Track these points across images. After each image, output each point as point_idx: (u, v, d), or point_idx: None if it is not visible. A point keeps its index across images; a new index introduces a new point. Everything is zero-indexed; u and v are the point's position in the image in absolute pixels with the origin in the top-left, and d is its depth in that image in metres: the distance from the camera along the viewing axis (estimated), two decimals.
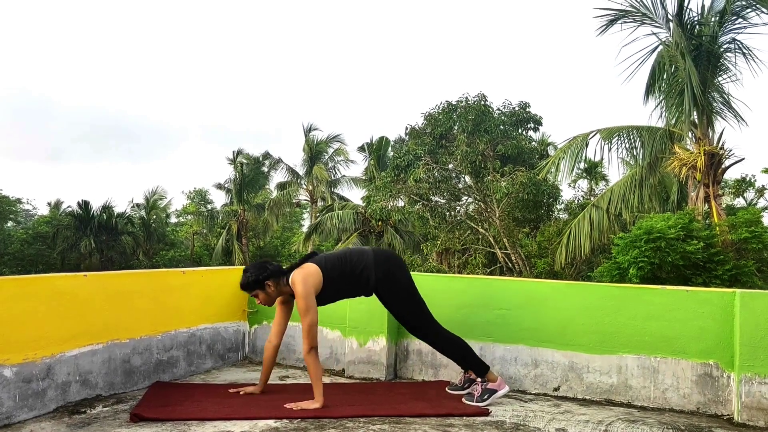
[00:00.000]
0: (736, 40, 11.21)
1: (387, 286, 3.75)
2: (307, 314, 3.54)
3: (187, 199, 43.97)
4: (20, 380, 3.26)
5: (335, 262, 3.73)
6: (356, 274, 3.72)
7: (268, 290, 3.69)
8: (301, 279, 3.60)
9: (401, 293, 3.78)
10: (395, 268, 3.79)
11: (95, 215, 31.50)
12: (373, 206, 18.97)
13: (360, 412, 3.45)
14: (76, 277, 3.73)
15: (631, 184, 13.11)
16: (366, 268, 3.71)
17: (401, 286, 3.78)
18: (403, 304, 3.80)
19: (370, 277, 3.71)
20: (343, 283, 3.73)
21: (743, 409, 3.49)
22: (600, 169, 22.50)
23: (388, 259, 3.83)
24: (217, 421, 3.27)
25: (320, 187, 30.93)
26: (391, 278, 3.75)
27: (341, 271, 3.70)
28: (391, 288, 3.77)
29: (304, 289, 3.57)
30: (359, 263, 3.73)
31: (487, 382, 3.74)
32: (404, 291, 3.79)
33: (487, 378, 3.76)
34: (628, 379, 3.84)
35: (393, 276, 3.76)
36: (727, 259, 8.83)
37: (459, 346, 3.83)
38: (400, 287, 3.78)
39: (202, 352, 4.52)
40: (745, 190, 23.66)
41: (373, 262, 3.73)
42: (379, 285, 3.74)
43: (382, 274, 3.72)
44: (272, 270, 3.71)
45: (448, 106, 17.99)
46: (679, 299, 3.78)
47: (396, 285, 3.76)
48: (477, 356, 3.85)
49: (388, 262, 3.79)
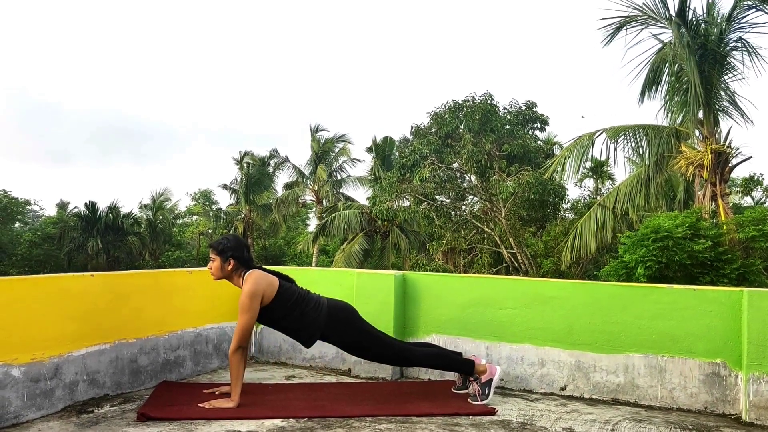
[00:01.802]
0: (742, 39, 11.17)
1: (339, 337, 3.70)
2: (245, 313, 3.49)
3: (191, 200, 44.10)
4: (28, 380, 3.28)
5: (295, 293, 3.66)
6: (305, 316, 3.63)
7: (225, 265, 3.61)
8: (254, 279, 3.55)
9: (357, 340, 3.72)
10: (347, 321, 3.70)
11: (102, 216, 31.65)
12: (378, 206, 18.98)
13: (366, 412, 3.46)
14: (83, 277, 3.74)
15: (638, 183, 13.06)
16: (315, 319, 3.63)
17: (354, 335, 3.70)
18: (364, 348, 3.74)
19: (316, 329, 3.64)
20: (291, 314, 3.62)
21: (751, 408, 3.47)
22: (606, 168, 22.43)
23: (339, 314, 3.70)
24: (224, 420, 3.28)
25: (326, 187, 30.95)
26: (342, 331, 3.69)
27: (295, 304, 3.62)
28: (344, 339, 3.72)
29: (252, 289, 3.51)
30: (313, 310, 3.64)
31: (480, 377, 3.74)
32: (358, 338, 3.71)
33: (477, 373, 3.76)
34: (635, 379, 3.82)
35: (344, 329, 3.69)
36: (735, 258, 8.79)
37: (435, 356, 3.82)
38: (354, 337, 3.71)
39: (209, 351, 4.53)
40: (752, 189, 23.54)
41: (326, 315, 3.64)
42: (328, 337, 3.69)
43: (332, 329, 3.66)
44: (244, 255, 3.64)
45: (455, 106, 17.99)
46: (686, 298, 3.76)
47: (348, 336, 3.70)
48: (456, 358, 3.83)
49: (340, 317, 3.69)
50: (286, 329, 3.72)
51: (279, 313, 3.62)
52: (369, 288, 4.45)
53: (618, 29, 11.90)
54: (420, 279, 4.50)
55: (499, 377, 3.77)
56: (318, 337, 3.68)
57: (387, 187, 18.49)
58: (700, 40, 11.26)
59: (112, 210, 32.07)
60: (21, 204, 36.31)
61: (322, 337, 3.69)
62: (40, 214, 43.37)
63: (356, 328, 3.70)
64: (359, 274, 4.59)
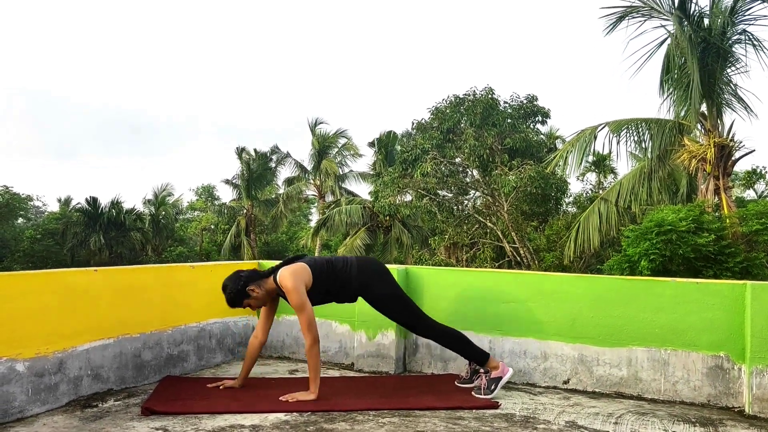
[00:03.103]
0: (746, 32, 11.12)
1: (372, 293, 3.80)
2: (302, 309, 3.55)
3: (194, 195, 44.13)
4: (32, 374, 3.29)
5: (323, 265, 3.75)
6: (340, 280, 3.76)
7: (254, 295, 3.69)
8: (290, 274, 3.61)
9: (388, 298, 3.80)
10: (378, 274, 3.82)
11: (104, 212, 31.68)
12: (380, 201, 18.97)
13: (369, 406, 3.46)
14: (86, 272, 3.75)
15: (640, 176, 13.03)
16: (349, 277, 3.75)
17: (386, 292, 3.80)
18: (392, 308, 3.82)
19: (353, 286, 3.76)
20: (330, 285, 3.75)
21: (754, 401, 3.47)
22: (608, 162, 22.38)
23: (370, 266, 3.85)
24: (228, 414, 3.29)
25: (328, 182, 30.93)
26: (375, 285, 3.78)
27: (327, 275, 3.73)
28: (376, 295, 3.80)
29: (294, 284, 3.57)
30: (343, 271, 3.76)
31: (490, 372, 3.75)
32: (390, 295, 3.80)
33: (488, 367, 3.76)
34: (638, 372, 3.82)
35: (377, 283, 3.79)
36: (738, 252, 8.78)
37: (455, 338, 3.85)
38: (386, 293, 3.80)
39: (212, 346, 4.54)
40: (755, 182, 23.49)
41: (356, 271, 3.77)
42: (365, 292, 3.80)
43: (365, 282, 3.77)
44: (247, 276, 3.71)
45: (456, 100, 17.95)
46: (690, 291, 3.76)
47: (380, 291, 3.79)
48: (475, 346, 3.86)
49: (371, 270, 3.82)
50: (328, 298, 3.84)
51: (320, 288, 3.72)
52: None
53: (620, 19, 11.83)
54: (423, 273, 4.50)
55: (509, 378, 3.76)
56: (356, 289, 3.78)
57: (389, 182, 18.47)
58: (702, 33, 11.21)
59: (115, 205, 32.09)
60: (23, 200, 36.35)
61: (360, 291, 3.78)
62: (42, 209, 43.45)
63: (387, 282, 3.81)
64: None
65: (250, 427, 3.10)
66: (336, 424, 3.16)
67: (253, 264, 5.01)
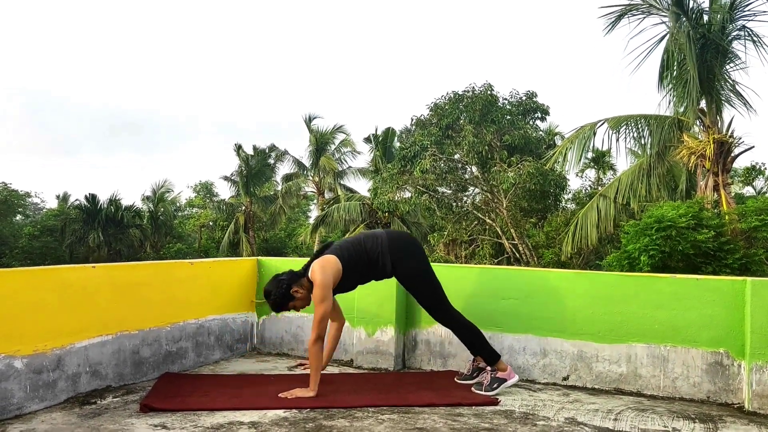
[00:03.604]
0: (746, 28, 11.10)
1: (403, 268, 3.76)
2: (321, 303, 3.55)
3: (192, 192, 44.07)
4: (31, 371, 3.27)
5: (351, 250, 3.74)
6: (373, 260, 3.74)
7: (298, 296, 3.71)
8: (320, 268, 3.62)
9: (418, 274, 3.79)
10: (410, 248, 3.82)
11: (103, 208, 31.64)
12: (379, 198, 18.95)
13: (369, 402, 3.46)
14: (84, 268, 3.74)
15: (639, 173, 13.03)
16: (381, 254, 3.73)
17: (418, 267, 3.79)
18: (420, 285, 3.80)
19: (386, 262, 3.74)
20: (362, 268, 3.75)
21: (754, 397, 3.47)
22: (608, 158, 22.37)
23: (402, 240, 3.85)
24: (227, 411, 3.28)
25: (327, 179, 30.91)
26: (406, 259, 3.77)
27: (358, 259, 3.73)
28: (408, 270, 3.77)
29: (323, 279, 3.59)
30: (374, 248, 3.74)
31: (497, 371, 3.73)
32: (421, 271, 3.80)
33: (496, 367, 3.75)
34: (638, 368, 3.82)
35: (408, 257, 3.78)
36: (737, 248, 8.77)
37: (474, 333, 3.82)
38: (417, 268, 3.79)
39: (211, 343, 4.53)
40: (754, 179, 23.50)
41: (387, 246, 3.75)
42: (396, 267, 3.75)
43: (397, 256, 3.74)
44: (288, 278, 3.72)
45: (455, 97, 17.93)
46: (689, 288, 3.75)
47: (412, 266, 3.77)
48: (489, 344, 3.85)
49: (403, 243, 3.82)
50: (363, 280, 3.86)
51: (353, 274, 3.74)
52: None
53: (619, 17, 11.84)
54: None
55: (512, 383, 3.74)
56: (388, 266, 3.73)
57: (388, 178, 18.45)
58: (701, 30, 11.19)
59: (113, 202, 32.05)
60: (21, 197, 36.29)
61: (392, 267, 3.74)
62: (41, 206, 43.38)
63: (418, 259, 3.79)
64: None
65: (249, 423, 3.09)
66: (335, 420, 3.15)
67: (252, 260, 5.01)
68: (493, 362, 3.77)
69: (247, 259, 5.08)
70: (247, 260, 5.06)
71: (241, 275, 4.85)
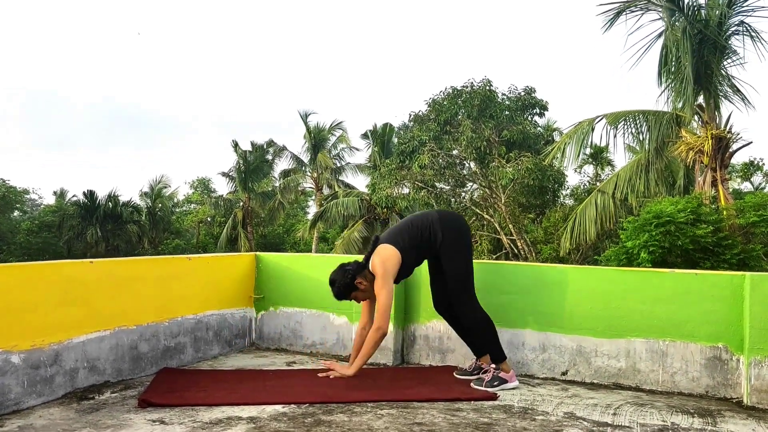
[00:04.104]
0: (744, 23, 11.09)
1: (448, 239, 3.77)
2: (381, 293, 3.62)
3: (190, 189, 44.03)
4: (28, 366, 3.26)
5: (404, 234, 3.79)
6: (425, 237, 3.78)
7: (361, 287, 3.75)
8: (380, 260, 3.69)
9: (460, 248, 3.80)
10: (458, 223, 3.86)
11: (101, 204, 31.60)
12: (378, 194, 18.94)
13: (368, 397, 3.45)
14: (82, 263, 3.73)
15: (638, 168, 13.03)
16: (432, 229, 3.78)
17: (461, 240, 3.81)
18: (458, 259, 3.79)
19: (437, 235, 3.76)
20: (417, 248, 3.79)
21: (753, 392, 3.47)
22: (606, 154, 22.38)
23: (451, 216, 3.91)
24: (225, 406, 3.27)
25: (325, 175, 30.89)
26: (453, 230, 3.80)
27: (412, 241, 3.77)
28: (451, 241, 3.78)
29: (384, 270, 3.65)
30: (425, 225, 3.79)
31: (500, 371, 3.73)
32: (463, 246, 3.82)
33: (500, 367, 3.74)
34: (637, 363, 3.82)
35: (455, 230, 3.82)
36: (735, 244, 8.79)
37: (490, 330, 3.80)
38: (460, 240, 3.81)
39: (209, 338, 4.52)
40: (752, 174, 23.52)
41: (438, 220, 3.80)
42: (444, 238, 3.76)
43: (446, 228, 3.78)
44: (354, 268, 3.78)
45: (453, 92, 17.92)
46: (688, 283, 3.75)
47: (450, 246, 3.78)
48: (499, 341, 3.81)
49: (452, 218, 3.88)
50: (421, 260, 3.92)
51: (411, 259, 3.81)
52: None
53: (618, 14, 11.83)
54: (421, 265, 4.47)
55: (512, 387, 3.71)
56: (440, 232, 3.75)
57: (386, 174, 18.44)
58: (699, 25, 11.18)
59: (111, 198, 32.01)
60: (19, 193, 36.24)
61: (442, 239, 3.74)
62: (38, 203, 43.32)
63: (462, 241, 3.81)
64: (359, 259, 4.56)
65: (248, 419, 3.08)
66: (334, 415, 3.14)
67: (250, 255, 5.00)
68: (499, 361, 3.75)
69: (245, 255, 5.07)
70: (245, 255, 5.05)
71: (239, 271, 4.84)
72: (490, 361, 3.82)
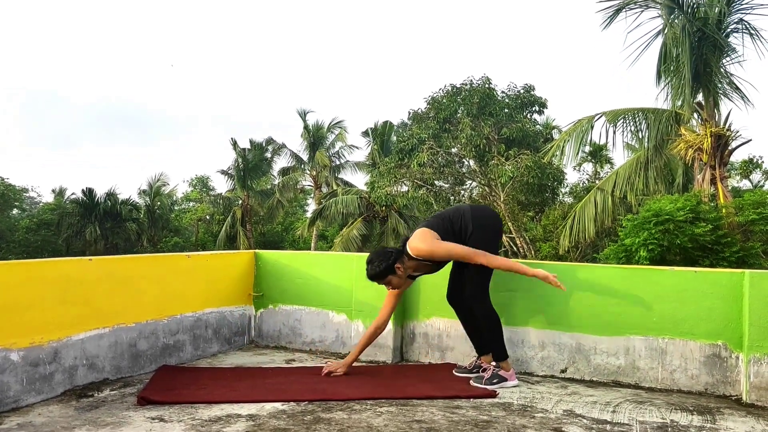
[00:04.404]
0: (743, 21, 11.09)
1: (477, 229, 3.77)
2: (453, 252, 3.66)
3: (189, 186, 44.00)
4: (27, 364, 3.26)
5: (439, 223, 3.81)
6: (456, 230, 3.79)
7: (398, 273, 3.75)
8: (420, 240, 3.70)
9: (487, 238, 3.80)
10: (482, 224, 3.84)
11: (100, 202, 31.58)
12: (377, 191, 18.94)
13: (367, 395, 3.45)
14: (81, 261, 3.72)
15: (637, 166, 13.04)
16: (464, 221, 3.79)
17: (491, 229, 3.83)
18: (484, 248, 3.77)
19: (468, 228, 3.77)
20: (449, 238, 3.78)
21: (752, 389, 3.47)
22: (605, 152, 22.38)
23: (483, 210, 3.91)
24: (224, 404, 3.27)
25: (324, 173, 30.88)
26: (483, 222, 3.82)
27: (445, 231, 3.78)
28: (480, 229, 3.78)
29: (430, 240, 3.68)
30: (457, 218, 3.80)
31: (500, 369, 3.73)
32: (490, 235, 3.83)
33: (501, 365, 3.74)
34: (636, 361, 3.82)
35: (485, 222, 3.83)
36: (734, 241, 8.79)
37: (497, 329, 3.79)
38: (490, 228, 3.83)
39: (208, 336, 4.52)
40: (751, 172, 23.53)
41: (470, 215, 3.81)
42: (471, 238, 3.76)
43: (477, 222, 3.79)
44: (397, 252, 3.79)
45: (452, 90, 17.91)
46: (688, 280, 3.75)
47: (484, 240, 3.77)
48: (503, 340, 3.81)
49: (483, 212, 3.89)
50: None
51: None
52: None
53: (618, 11, 11.82)
54: None
55: (512, 386, 3.70)
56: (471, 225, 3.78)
57: (385, 172, 18.43)
58: (698, 23, 11.17)
59: (110, 196, 31.98)
60: (18, 191, 36.20)
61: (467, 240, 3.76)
62: (37, 201, 43.27)
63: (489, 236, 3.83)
64: (359, 257, 4.56)
65: (247, 416, 3.08)
66: (333, 413, 3.14)
67: (249, 253, 4.99)
68: (501, 359, 3.75)
69: (244, 253, 5.06)
70: (244, 253, 5.04)
71: (238, 268, 4.84)
72: (490, 360, 3.82)
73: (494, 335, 3.79)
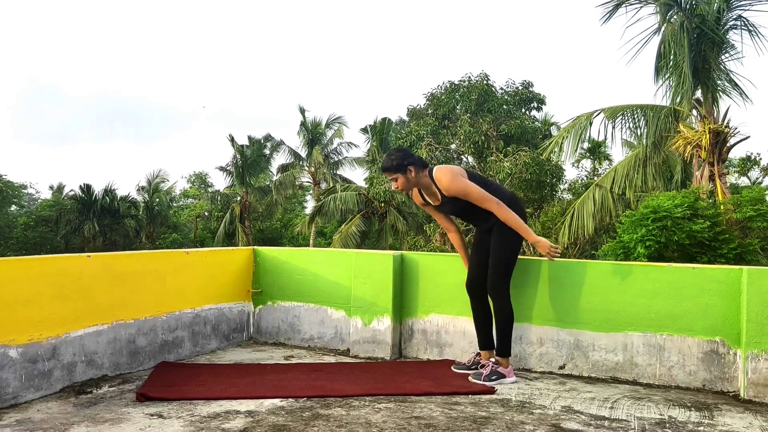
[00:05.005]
0: (742, 17, 11.07)
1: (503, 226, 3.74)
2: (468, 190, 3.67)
3: (187, 183, 43.95)
4: (26, 360, 3.26)
5: (477, 178, 3.82)
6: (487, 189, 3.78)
7: (408, 175, 3.74)
8: (448, 169, 3.73)
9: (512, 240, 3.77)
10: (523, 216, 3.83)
11: (98, 199, 31.54)
12: (375, 188, 18.93)
13: (366, 391, 3.46)
14: (80, 258, 3.72)
15: (635, 163, 13.03)
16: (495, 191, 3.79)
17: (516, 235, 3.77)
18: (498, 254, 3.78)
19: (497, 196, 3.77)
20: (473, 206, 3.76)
21: (749, 385, 3.48)
22: (604, 148, 22.38)
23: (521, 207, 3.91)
24: (223, 400, 3.28)
25: (322, 169, 30.86)
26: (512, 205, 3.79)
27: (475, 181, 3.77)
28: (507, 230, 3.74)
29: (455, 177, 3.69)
30: (496, 192, 3.78)
31: (499, 365, 3.74)
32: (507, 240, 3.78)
33: (500, 362, 3.75)
34: (634, 357, 3.83)
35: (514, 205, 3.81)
36: (732, 238, 8.78)
37: (509, 324, 3.79)
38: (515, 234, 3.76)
39: (207, 332, 4.52)
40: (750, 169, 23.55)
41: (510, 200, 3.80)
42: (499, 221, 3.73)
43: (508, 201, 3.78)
44: (417, 157, 3.82)
45: (451, 86, 17.89)
46: (686, 277, 3.75)
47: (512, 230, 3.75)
48: (510, 337, 3.81)
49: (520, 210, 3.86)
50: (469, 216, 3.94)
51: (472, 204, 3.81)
52: (367, 268, 4.43)
53: (617, 7, 11.80)
54: (418, 259, 4.48)
55: (510, 382, 3.71)
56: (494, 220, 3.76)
57: None
58: (697, 20, 11.16)
59: (108, 193, 31.94)
60: (17, 188, 36.15)
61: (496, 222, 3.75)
62: (36, 197, 43.21)
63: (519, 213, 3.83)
64: (357, 254, 4.57)
65: (246, 412, 3.09)
66: (332, 409, 3.15)
67: (248, 249, 4.99)
68: (504, 355, 3.76)
69: (243, 249, 5.06)
70: (243, 250, 5.04)
71: (237, 265, 4.84)
72: (490, 356, 3.83)
73: (505, 331, 3.80)
